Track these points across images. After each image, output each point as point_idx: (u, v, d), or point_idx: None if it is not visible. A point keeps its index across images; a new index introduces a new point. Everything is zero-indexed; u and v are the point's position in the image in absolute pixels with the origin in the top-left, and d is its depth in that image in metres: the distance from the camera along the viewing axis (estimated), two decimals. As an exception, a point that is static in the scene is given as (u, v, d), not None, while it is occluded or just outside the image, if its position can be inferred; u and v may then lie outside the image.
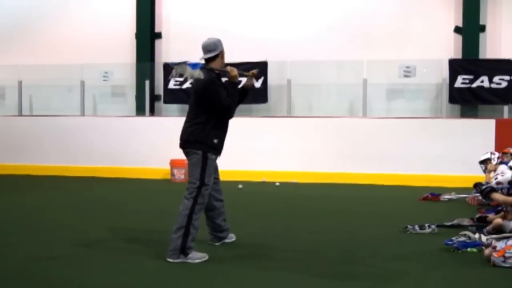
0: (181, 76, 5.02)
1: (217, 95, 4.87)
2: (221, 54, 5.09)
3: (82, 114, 12.54)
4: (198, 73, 4.83)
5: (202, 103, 4.95)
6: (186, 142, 5.03)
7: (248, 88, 5.41)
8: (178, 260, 4.76)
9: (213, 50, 5.04)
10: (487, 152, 8.44)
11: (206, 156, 4.95)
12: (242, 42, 11.57)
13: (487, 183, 5.67)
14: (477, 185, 5.55)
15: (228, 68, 5.02)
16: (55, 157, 11.93)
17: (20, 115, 12.86)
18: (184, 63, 4.87)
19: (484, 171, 8.27)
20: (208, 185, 4.95)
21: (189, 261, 4.76)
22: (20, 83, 12.86)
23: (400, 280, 4.35)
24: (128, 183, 10.59)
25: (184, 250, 4.77)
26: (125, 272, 4.48)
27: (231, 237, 5.53)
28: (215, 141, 4.98)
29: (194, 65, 4.87)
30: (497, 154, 8.31)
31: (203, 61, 5.07)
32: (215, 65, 5.04)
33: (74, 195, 8.99)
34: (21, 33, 13.64)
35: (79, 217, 6.92)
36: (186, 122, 5.10)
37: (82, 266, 4.63)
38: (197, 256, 4.83)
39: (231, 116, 5.06)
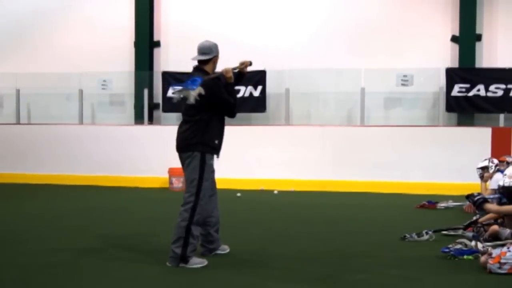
0: (184, 99, 4.85)
1: (224, 95, 4.89)
2: (214, 59, 5.05)
3: (81, 122, 12.56)
4: (199, 89, 4.73)
5: (207, 105, 4.84)
6: (185, 145, 4.91)
7: (244, 73, 5.30)
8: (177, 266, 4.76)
9: (207, 53, 5.01)
10: (486, 159, 8.23)
11: (204, 158, 4.86)
12: (240, 51, 11.41)
13: (479, 193, 5.67)
14: (469, 197, 5.54)
15: (224, 70, 4.99)
16: (53, 165, 11.90)
17: (18, 123, 12.86)
18: (185, 87, 4.77)
19: (481, 177, 8.09)
20: (205, 193, 4.87)
21: (189, 266, 4.77)
22: (18, 91, 12.87)
23: (397, 287, 4.37)
24: (126, 192, 10.59)
25: (184, 258, 4.77)
26: (124, 280, 4.49)
27: (224, 249, 5.36)
28: (216, 141, 4.95)
29: (193, 83, 4.76)
30: (496, 162, 8.13)
31: (197, 62, 5.05)
32: (207, 68, 5.03)
33: (72, 204, 8.98)
34: (19, 41, 13.66)
35: (77, 226, 6.92)
36: (182, 125, 5.00)
37: (81, 275, 4.63)
38: (196, 262, 4.82)
39: (234, 115, 5.04)
